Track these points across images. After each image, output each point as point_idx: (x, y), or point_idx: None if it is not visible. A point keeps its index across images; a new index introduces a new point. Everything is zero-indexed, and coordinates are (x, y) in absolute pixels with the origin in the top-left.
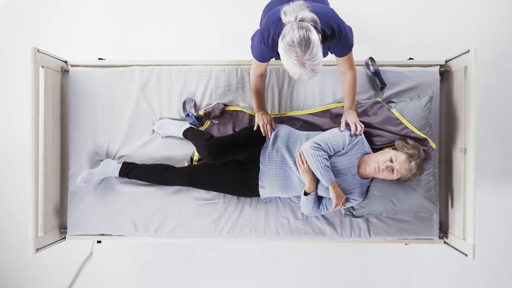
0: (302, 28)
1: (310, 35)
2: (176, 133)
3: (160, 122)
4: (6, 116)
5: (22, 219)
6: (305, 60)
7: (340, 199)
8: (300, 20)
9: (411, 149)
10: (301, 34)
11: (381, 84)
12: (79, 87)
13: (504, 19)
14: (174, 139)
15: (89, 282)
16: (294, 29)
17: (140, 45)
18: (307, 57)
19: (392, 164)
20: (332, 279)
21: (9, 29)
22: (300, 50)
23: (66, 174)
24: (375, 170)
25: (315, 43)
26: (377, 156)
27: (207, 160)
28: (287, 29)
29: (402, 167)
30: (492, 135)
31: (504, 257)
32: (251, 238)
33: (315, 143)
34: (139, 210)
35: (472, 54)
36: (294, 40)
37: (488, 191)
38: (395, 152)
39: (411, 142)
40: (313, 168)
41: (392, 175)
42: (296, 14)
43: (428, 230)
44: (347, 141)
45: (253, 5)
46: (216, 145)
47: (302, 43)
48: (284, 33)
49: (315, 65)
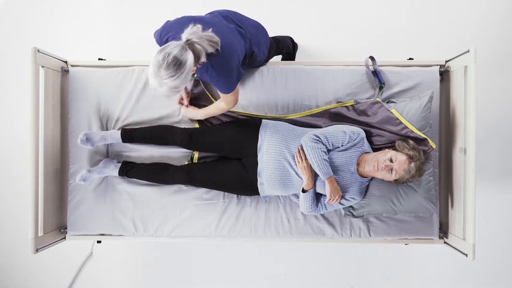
0: (183, 50)
1: (184, 60)
2: None
3: None
4: (6, 116)
5: (22, 219)
6: (163, 79)
7: (334, 194)
8: (188, 43)
9: (411, 150)
10: (177, 55)
11: (380, 84)
12: (79, 87)
13: (504, 19)
14: None
15: (89, 282)
16: (176, 47)
17: (140, 45)
18: (166, 76)
19: (392, 164)
20: (332, 279)
21: (9, 29)
22: (167, 67)
23: (66, 174)
24: (374, 168)
25: (185, 70)
26: (377, 155)
27: None
28: (172, 45)
29: (401, 167)
30: (492, 135)
31: (504, 257)
32: (251, 238)
33: (314, 135)
34: (139, 210)
35: (472, 54)
36: (167, 56)
37: (488, 191)
38: (395, 153)
39: (411, 143)
40: (311, 160)
41: (390, 175)
42: (191, 37)
43: (428, 230)
44: (347, 139)
45: (253, 4)
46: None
47: (172, 63)
48: (167, 45)
49: (170, 86)
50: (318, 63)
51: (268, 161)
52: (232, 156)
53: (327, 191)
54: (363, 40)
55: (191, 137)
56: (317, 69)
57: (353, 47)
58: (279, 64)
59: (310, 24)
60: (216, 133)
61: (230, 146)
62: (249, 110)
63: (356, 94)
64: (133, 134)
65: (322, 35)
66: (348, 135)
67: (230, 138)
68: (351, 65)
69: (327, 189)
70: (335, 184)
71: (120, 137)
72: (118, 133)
